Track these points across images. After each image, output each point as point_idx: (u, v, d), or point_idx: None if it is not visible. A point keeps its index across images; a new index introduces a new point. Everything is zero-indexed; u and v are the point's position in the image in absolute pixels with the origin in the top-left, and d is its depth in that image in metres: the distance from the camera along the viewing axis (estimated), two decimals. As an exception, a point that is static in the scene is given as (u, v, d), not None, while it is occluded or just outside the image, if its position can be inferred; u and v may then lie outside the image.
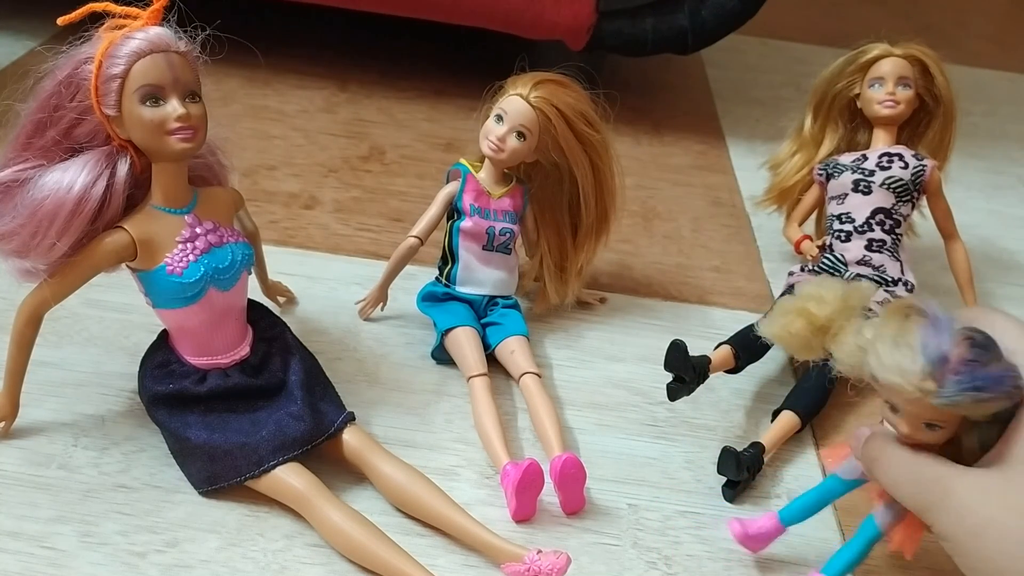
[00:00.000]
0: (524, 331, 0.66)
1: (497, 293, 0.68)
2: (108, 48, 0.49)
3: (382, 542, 0.49)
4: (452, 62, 1.22)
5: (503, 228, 0.66)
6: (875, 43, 0.76)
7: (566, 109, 0.64)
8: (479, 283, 0.67)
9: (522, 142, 0.64)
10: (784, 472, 0.62)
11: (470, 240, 0.66)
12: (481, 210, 0.66)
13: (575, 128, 0.65)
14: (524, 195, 0.68)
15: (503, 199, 0.67)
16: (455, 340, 0.64)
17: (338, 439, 0.55)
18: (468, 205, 0.66)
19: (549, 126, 0.64)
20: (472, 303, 0.67)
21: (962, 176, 1.02)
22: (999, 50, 1.65)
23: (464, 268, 0.67)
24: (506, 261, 0.68)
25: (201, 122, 0.51)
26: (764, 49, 1.46)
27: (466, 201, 0.66)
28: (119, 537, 0.51)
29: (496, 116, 0.64)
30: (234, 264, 0.54)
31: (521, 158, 0.65)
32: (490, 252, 0.67)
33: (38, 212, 0.49)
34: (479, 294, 0.67)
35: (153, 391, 0.55)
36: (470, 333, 0.64)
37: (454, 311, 0.66)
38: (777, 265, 0.85)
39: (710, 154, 1.08)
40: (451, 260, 0.67)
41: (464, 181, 0.66)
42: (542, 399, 0.61)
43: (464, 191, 0.66)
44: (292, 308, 0.71)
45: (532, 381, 0.62)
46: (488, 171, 0.67)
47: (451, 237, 0.67)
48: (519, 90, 0.64)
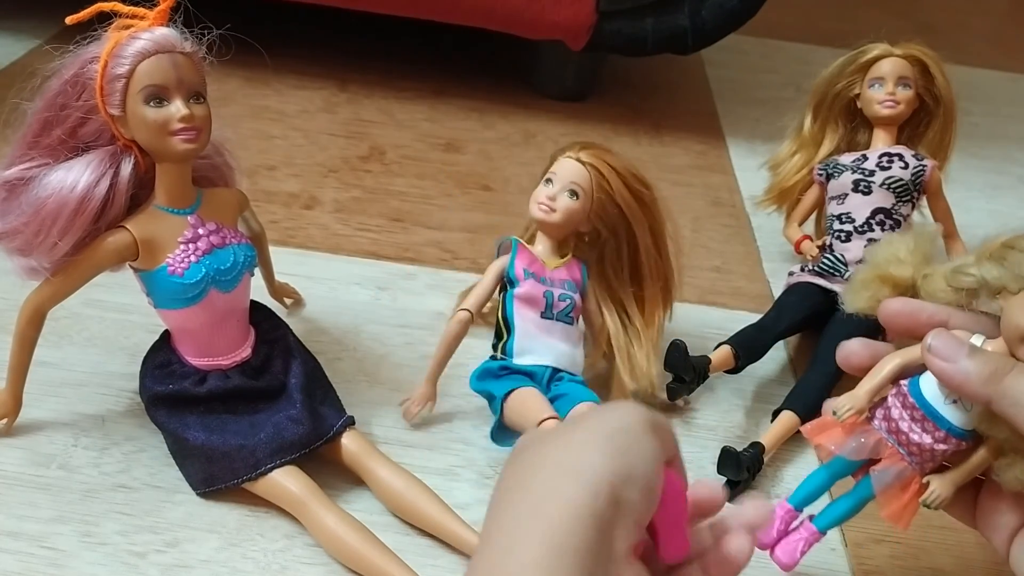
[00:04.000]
0: (594, 398, 0.57)
1: (561, 367, 0.59)
2: (114, 48, 0.49)
3: (377, 548, 0.49)
4: (452, 62, 1.22)
5: (562, 294, 0.60)
6: (875, 43, 0.76)
7: (617, 165, 0.60)
8: (540, 353, 0.59)
9: (575, 201, 0.59)
10: (784, 472, 0.62)
11: (526, 307, 0.59)
12: (536, 275, 0.60)
13: (629, 185, 0.60)
14: (582, 270, 0.62)
15: (559, 269, 0.61)
16: (518, 399, 0.56)
17: (337, 443, 0.55)
18: (521, 271, 0.60)
19: (603, 183, 0.59)
20: (534, 376, 0.58)
21: (962, 176, 1.01)
22: (999, 50, 1.65)
23: (522, 337, 0.59)
24: (568, 333, 0.60)
25: (205, 123, 0.51)
26: (764, 49, 1.46)
27: (519, 267, 0.60)
28: (119, 537, 0.51)
29: (545, 180, 0.60)
30: (236, 265, 0.54)
31: (575, 222, 0.60)
32: (550, 320, 0.59)
33: (41, 211, 0.49)
34: (541, 364, 0.59)
35: (153, 391, 0.55)
36: (535, 393, 0.56)
37: (515, 380, 0.58)
38: (777, 265, 0.85)
39: (710, 154, 1.08)
40: (506, 332, 0.60)
41: (515, 251, 0.61)
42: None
43: (516, 259, 0.60)
44: (299, 310, 0.71)
45: None
46: (542, 243, 0.61)
47: (504, 308, 0.60)
48: (567, 153, 0.60)
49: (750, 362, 0.66)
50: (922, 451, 0.44)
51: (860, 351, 0.46)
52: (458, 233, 0.84)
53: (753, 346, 0.65)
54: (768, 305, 0.72)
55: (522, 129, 1.07)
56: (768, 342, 0.67)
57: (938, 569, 0.55)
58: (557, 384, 0.59)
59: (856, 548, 0.56)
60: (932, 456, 0.44)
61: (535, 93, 1.16)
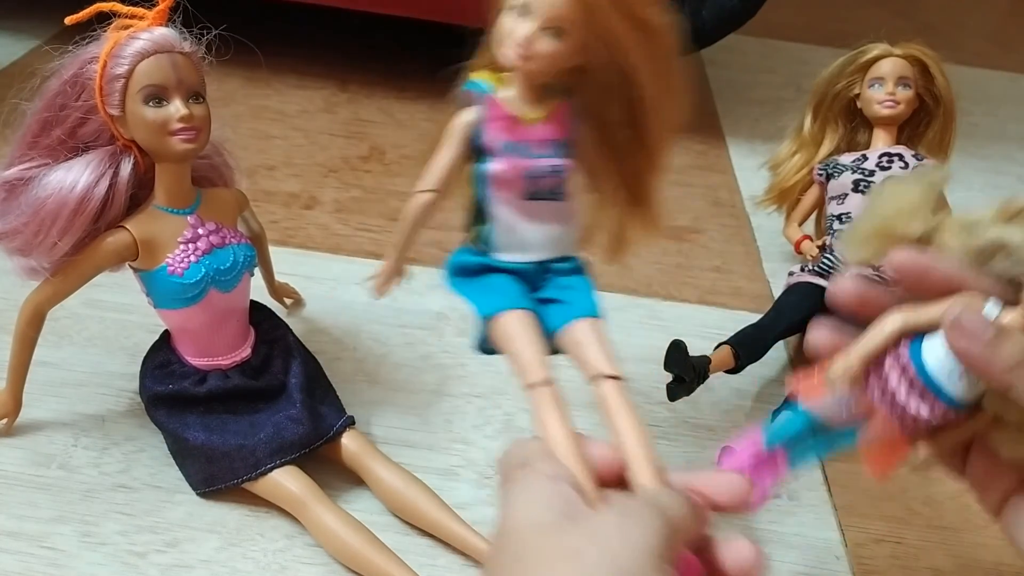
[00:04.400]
0: (595, 310, 0.46)
1: (553, 255, 0.48)
2: (113, 48, 0.49)
3: (376, 548, 0.49)
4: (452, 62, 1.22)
5: (549, 167, 0.47)
6: (875, 43, 0.76)
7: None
8: (526, 246, 0.48)
9: (558, 43, 0.44)
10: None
11: (505, 189, 0.47)
12: (514, 145, 0.46)
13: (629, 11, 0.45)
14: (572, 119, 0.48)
15: (542, 126, 0.47)
16: (503, 330, 0.45)
17: (337, 443, 0.55)
18: (496, 140, 0.46)
19: (594, 15, 0.44)
20: (520, 273, 0.48)
21: (962, 176, 1.02)
22: (999, 50, 1.65)
23: (504, 229, 0.48)
24: (559, 210, 0.48)
25: (204, 123, 0.51)
26: (764, 49, 1.46)
27: (492, 134, 0.46)
28: (119, 537, 0.51)
29: (515, 9, 0.45)
30: (236, 265, 0.54)
31: (560, 64, 0.45)
32: (535, 202, 0.47)
33: (41, 211, 0.49)
34: (528, 261, 0.48)
35: (153, 391, 0.55)
36: (523, 319, 0.45)
37: (497, 287, 0.47)
38: (777, 265, 0.85)
39: (710, 154, 1.08)
40: (483, 219, 0.49)
41: (485, 107, 0.47)
42: (627, 418, 0.41)
43: (486, 120, 0.47)
44: (299, 310, 0.71)
45: (612, 390, 0.42)
46: (516, 88, 0.47)
47: (477, 187, 0.48)
48: None
49: (750, 362, 0.66)
50: (916, 421, 0.42)
51: (829, 340, 0.41)
52: (458, 233, 0.84)
53: (753, 346, 0.65)
54: (768, 305, 0.72)
55: (522, 129, 1.07)
56: (768, 342, 0.67)
57: (938, 569, 0.55)
58: (548, 281, 0.48)
59: (856, 548, 0.56)
60: (927, 425, 0.42)
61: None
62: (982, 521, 0.59)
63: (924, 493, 0.61)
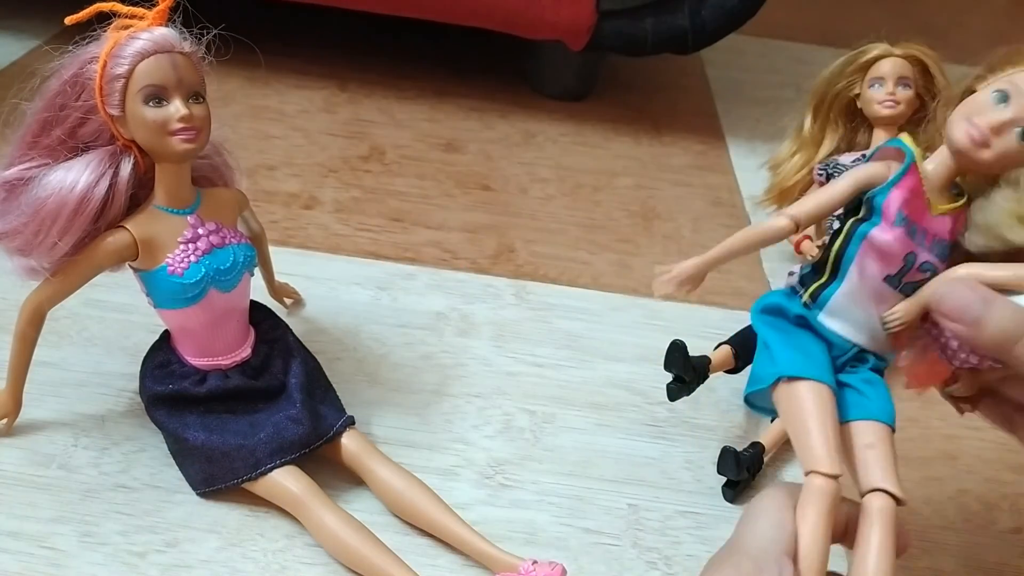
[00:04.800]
0: (893, 419, 0.43)
1: (873, 348, 0.44)
2: (113, 48, 0.49)
3: (377, 548, 0.49)
4: (452, 62, 1.22)
5: (926, 263, 0.42)
6: (875, 43, 0.76)
7: None
8: (858, 324, 0.44)
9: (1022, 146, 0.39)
10: (784, 472, 0.62)
11: (875, 259, 0.42)
12: (909, 223, 0.42)
13: None
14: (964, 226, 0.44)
15: (944, 218, 0.42)
16: (799, 399, 0.42)
17: (337, 443, 0.55)
18: (894, 208, 0.42)
19: None
20: (832, 347, 0.44)
21: (962, 176, 1.02)
22: (999, 50, 1.65)
23: (846, 295, 0.44)
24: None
25: (204, 123, 0.51)
26: (764, 49, 1.46)
27: (892, 201, 0.42)
28: (119, 537, 0.51)
29: (996, 93, 0.40)
30: (236, 265, 0.54)
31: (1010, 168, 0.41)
32: (892, 290, 0.43)
33: (41, 211, 0.49)
34: (849, 340, 0.44)
35: (153, 391, 0.55)
36: (825, 396, 0.42)
37: (808, 350, 0.44)
38: (777, 265, 0.85)
39: (710, 154, 1.08)
40: (830, 275, 0.44)
41: (904, 171, 0.42)
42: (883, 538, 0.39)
43: (896, 185, 0.42)
44: (299, 310, 0.71)
45: (885, 507, 0.40)
46: (940, 168, 0.43)
47: (846, 242, 0.43)
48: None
49: (750, 362, 0.65)
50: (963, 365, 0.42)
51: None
52: (458, 233, 0.84)
53: (753, 346, 0.65)
54: (768, 305, 0.72)
55: (522, 129, 1.07)
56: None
57: (938, 569, 0.55)
58: (854, 370, 0.45)
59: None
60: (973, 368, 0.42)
61: (535, 93, 1.16)
62: (983, 521, 0.59)
63: (924, 493, 0.61)
